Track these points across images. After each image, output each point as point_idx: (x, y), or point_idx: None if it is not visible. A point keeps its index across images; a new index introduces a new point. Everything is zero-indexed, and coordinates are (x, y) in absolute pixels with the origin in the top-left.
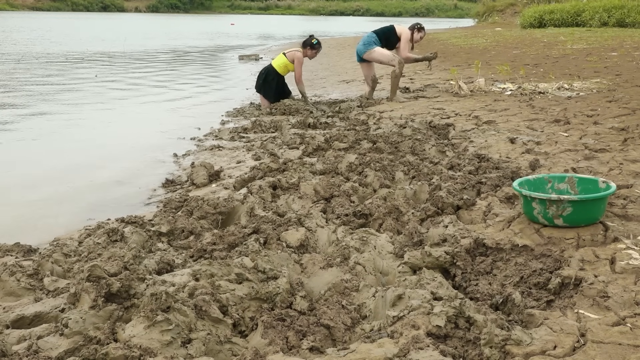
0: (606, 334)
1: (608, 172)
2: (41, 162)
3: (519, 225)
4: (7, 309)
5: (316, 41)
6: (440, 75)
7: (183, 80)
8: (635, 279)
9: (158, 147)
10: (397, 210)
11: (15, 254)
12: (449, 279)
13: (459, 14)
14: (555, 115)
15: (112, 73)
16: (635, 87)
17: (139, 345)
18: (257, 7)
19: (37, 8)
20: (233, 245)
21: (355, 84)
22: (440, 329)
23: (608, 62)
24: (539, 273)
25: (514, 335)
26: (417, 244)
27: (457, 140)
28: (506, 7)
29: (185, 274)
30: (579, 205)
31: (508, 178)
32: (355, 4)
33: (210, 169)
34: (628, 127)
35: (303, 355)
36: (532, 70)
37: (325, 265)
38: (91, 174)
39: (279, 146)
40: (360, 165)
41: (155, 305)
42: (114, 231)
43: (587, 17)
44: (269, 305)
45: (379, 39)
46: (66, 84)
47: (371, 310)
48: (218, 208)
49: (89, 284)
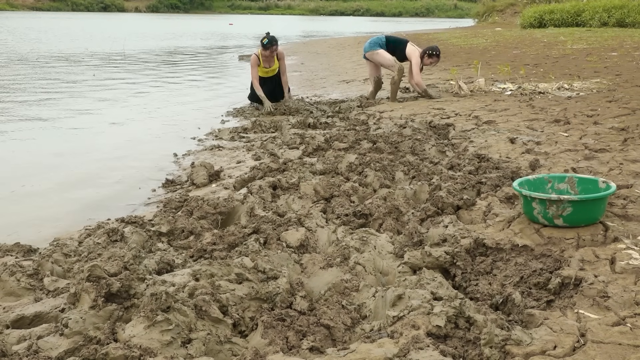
0: (606, 334)
1: (608, 172)
2: (41, 162)
3: (519, 225)
4: (7, 309)
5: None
6: (440, 75)
7: (183, 80)
8: (635, 279)
9: (158, 147)
10: (397, 210)
11: (15, 254)
12: (449, 279)
13: (459, 14)
14: (555, 115)
15: (111, 73)
16: (635, 87)
17: (139, 345)
18: (257, 7)
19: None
20: (233, 245)
21: (355, 84)
22: (440, 329)
23: (608, 62)
24: (539, 273)
25: (514, 335)
26: (417, 244)
27: (457, 140)
28: (506, 7)
29: (185, 274)
30: (579, 205)
31: (508, 178)
32: (355, 4)
33: (210, 169)
34: (628, 127)
35: (303, 355)
36: (532, 70)
37: (325, 265)
38: (91, 174)
39: (279, 146)
40: (360, 165)
41: (155, 305)
42: (114, 231)
43: (587, 17)
44: (269, 305)
45: (387, 44)
46: (65, 84)
47: (371, 310)
48: (218, 208)
49: (89, 284)
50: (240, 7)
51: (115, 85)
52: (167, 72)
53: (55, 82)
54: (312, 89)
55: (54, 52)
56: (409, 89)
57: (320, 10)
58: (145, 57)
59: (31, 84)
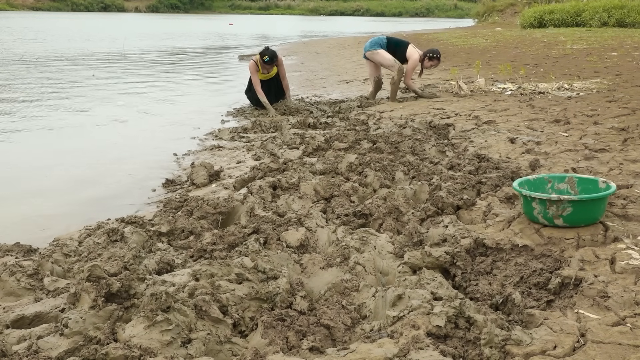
0: (606, 334)
1: (608, 172)
2: (40, 162)
3: (519, 225)
4: (7, 309)
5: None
6: (440, 75)
7: (183, 80)
8: (635, 279)
9: (158, 146)
10: (397, 210)
11: (15, 254)
12: (449, 279)
13: (459, 14)
14: (555, 115)
15: (110, 73)
16: (635, 87)
17: (139, 345)
18: (257, 7)
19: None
20: (233, 245)
21: (355, 84)
22: (440, 329)
23: (608, 62)
24: (539, 273)
25: (514, 335)
26: (417, 244)
27: (457, 140)
28: (506, 7)
29: (185, 274)
30: (579, 205)
31: (508, 178)
32: (355, 4)
33: (210, 169)
34: (628, 127)
35: (303, 355)
36: (532, 70)
37: (325, 265)
38: (91, 174)
39: (279, 146)
40: (360, 165)
41: (155, 305)
42: (114, 231)
43: (587, 17)
44: (269, 305)
45: (387, 45)
46: (64, 84)
47: (371, 310)
48: (218, 208)
49: (89, 284)
50: (240, 7)
51: (114, 85)
52: (167, 72)
53: (55, 82)
54: (312, 89)
55: (54, 52)
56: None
57: (320, 10)
58: (145, 57)
59: (30, 84)
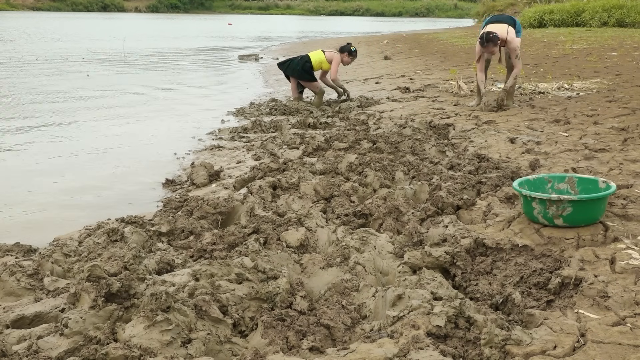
0: (606, 334)
1: (608, 172)
2: (40, 162)
3: (519, 225)
4: (7, 309)
5: (354, 49)
6: (440, 75)
7: (183, 80)
8: (635, 279)
9: (158, 146)
10: (397, 210)
11: (15, 254)
12: (449, 279)
13: (459, 14)
14: (555, 115)
15: (109, 73)
16: (635, 87)
17: (139, 345)
18: (257, 7)
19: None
20: (233, 245)
21: (355, 84)
22: (440, 329)
23: (608, 62)
24: (539, 273)
25: (514, 335)
26: (417, 244)
27: (457, 140)
28: (506, 7)
29: (185, 274)
30: (579, 205)
31: (508, 178)
32: (355, 4)
33: (210, 168)
34: (628, 127)
35: (303, 355)
36: (532, 70)
37: (325, 265)
38: (91, 174)
39: (279, 146)
40: (360, 165)
41: (155, 305)
42: (114, 231)
43: (587, 17)
44: (269, 305)
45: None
46: (64, 84)
47: (371, 310)
48: (218, 208)
49: (89, 284)
50: (240, 7)
51: (113, 86)
52: (167, 72)
53: (54, 82)
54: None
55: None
56: (409, 89)
57: (320, 10)
58: (145, 57)
59: (30, 84)
